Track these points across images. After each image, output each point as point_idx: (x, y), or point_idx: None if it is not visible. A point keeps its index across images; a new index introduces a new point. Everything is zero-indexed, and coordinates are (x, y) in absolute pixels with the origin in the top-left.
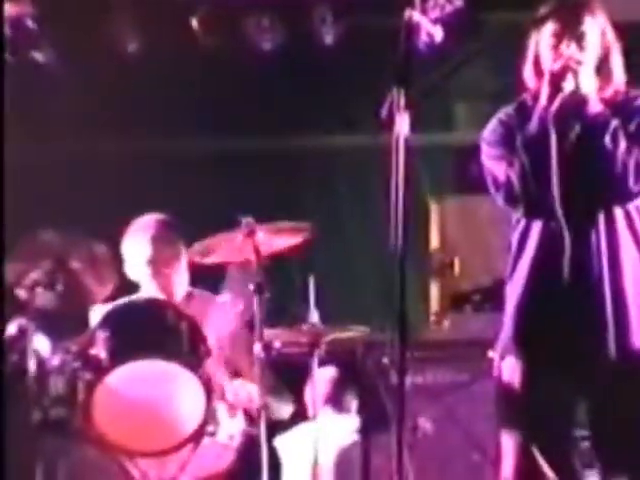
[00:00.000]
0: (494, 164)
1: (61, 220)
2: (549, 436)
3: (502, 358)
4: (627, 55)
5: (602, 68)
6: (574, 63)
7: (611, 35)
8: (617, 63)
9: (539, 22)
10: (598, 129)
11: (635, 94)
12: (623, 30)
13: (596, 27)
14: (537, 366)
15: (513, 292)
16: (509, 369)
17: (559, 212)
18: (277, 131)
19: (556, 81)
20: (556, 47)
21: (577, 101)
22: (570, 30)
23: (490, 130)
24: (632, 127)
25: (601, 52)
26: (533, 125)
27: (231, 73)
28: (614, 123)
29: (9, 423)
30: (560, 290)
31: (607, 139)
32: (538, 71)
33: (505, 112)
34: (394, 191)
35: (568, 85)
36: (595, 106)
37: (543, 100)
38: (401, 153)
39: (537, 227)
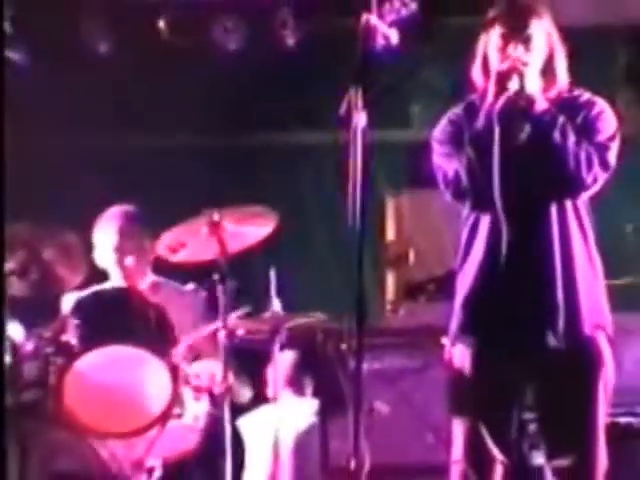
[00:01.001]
0: (444, 161)
1: (35, 211)
2: (497, 419)
3: (453, 345)
4: (571, 58)
5: (547, 70)
6: (520, 64)
7: (556, 38)
8: (561, 65)
9: (488, 25)
10: (547, 125)
11: (578, 92)
12: (567, 33)
13: (542, 30)
14: (486, 353)
15: (463, 283)
16: (459, 356)
17: (498, 205)
18: (240, 127)
19: (502, 80)
20: (503, 49)
21: (523, 100)
22: (517, 33)
23: (440, 129)
24: (578, 121)
25: (546, 54)
26: (480, 122)
27: (197, 73)
28: (561, 119)
29: None
30: (508, 281)
31: (556, 134)
32: (486, 72)
33: (454, 112)
34: (352, 186)
35: (513, 85)
36: (541, 104)
37: (490, 98)
38: (359, 149)
39: (485, 221)
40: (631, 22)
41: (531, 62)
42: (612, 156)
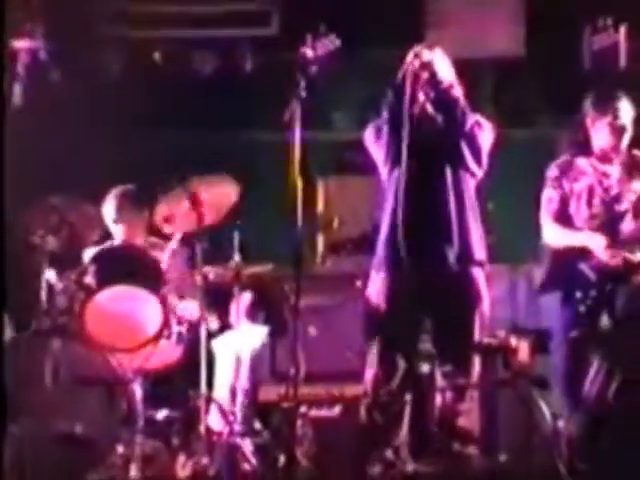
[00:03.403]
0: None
1: (66, 187)
2: (402, 339)
3: (374, 282)
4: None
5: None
6: (430, 53)
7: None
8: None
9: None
10: (445, 89)
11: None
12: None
13: (445, 59)
14: (397, 287)
15: (384, 226)
16: (375, 294)
17: (404, 155)
18: (212, 128)
19: (414, 55)
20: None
21: (429, 69)
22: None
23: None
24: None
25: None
26: (397, 79)
27: (182, 89)
28: (458, 88)
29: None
30: (414, 222)
31: (452, 91)
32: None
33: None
34: (292, 172)
35: (426, 57)
36: (442, 77)
37: (405, 64)
38: (297, 146)
39: (394, 177)
40: (494, 56)
41: (438, 58)
42: (484, 122)
